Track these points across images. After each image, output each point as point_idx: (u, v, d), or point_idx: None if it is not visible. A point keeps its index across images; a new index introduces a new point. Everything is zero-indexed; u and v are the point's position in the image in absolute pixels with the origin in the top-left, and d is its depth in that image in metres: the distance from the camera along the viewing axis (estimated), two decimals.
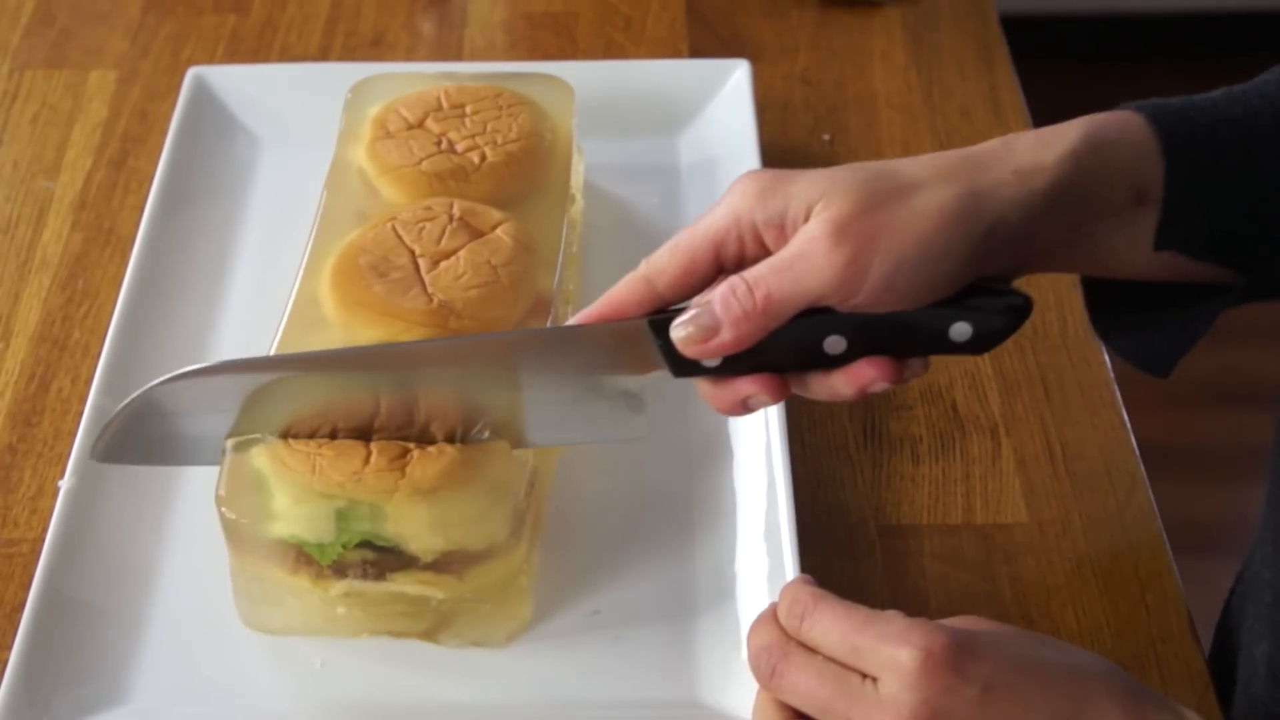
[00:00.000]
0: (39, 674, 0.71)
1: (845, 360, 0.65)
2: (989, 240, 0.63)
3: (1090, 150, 0.65)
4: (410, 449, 0.70)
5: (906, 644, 0.59)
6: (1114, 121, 0.67)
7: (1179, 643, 0.76)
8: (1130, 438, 0.85)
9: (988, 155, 0.65)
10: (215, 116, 0.99)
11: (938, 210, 0.63)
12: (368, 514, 0.69)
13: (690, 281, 0.66)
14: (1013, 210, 0.64)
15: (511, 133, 0.86)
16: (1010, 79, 1.08)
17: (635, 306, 0.66)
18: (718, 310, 0.64)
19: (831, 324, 0.64)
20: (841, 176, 0.64)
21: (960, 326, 0.64)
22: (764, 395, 0.66)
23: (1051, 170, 0.64)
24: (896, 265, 0.62)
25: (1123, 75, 2.51)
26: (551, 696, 0.72)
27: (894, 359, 0.65)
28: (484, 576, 0.72)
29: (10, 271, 0.94)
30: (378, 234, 0.79)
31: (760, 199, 0.65)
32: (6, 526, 0.81)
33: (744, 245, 0.65)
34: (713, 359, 0.65)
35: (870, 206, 0.63)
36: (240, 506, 0.70)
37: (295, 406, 0.70)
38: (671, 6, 1.13)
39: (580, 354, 0.67)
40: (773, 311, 0.63)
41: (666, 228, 0.94)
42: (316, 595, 0.72)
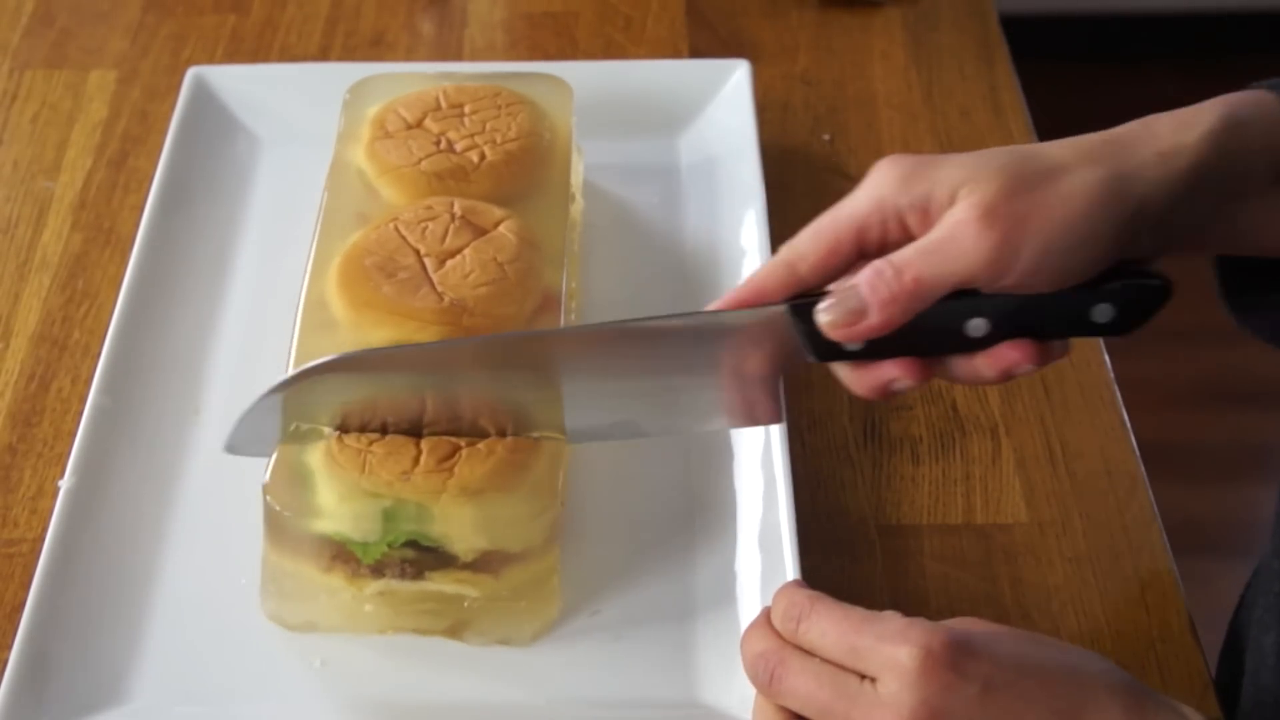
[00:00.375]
0: (39, 674, 0.71)
1: (988, 343, 0.65)
2: (1134, 222, 0.63)
3: (1229, 130, 0.65)
4: (460, 447, 0.70)
5: (905, 643, 0.59)
6: (1250, 101, 0.67)
7: (1179, 643, 0.76)
8: (1130, 438, 0.85)
9: (1130, 137, 0.65)
10: (215, 116, 0.99)
11: (1085, 193, 0.63)
12: (414, 514, 0.69)
13: (832, 264, 0.66)
14: (1157, 192, 0.64)
15: (510, 132, 0.86)
16: (1010, 79, 1.08)
17: (777, 291, 0.66)
18: (865, 293, 0.64)
19: (975, 307, 0.64)
20: (986, 160, 0.64)
21: (1103, 308, 0.65)
22: (907, 378, 0.66)
23: (1193, 151, 0.64)
24: (1046, 248, 0.62)
25: (1123, 75, 2.51)
26: (551, 696, 0.72)
27: (1036, 341, 0.65)
28: (520, 575, 0.72)
29: (10, 271, 0.94)
30: (381, 235, 0.79)
31: (904, 183, 0.65)
32: (6, 526, 0.81)
33: (887, 229, 0.65)
34: (856, 343, 0.65)
35: (1018, 189, 0.63)
36: (285, 498, 0.70)
37: (349, 399, 0.70)
38: (671, 6, 1.13)
39: (722, 339, 0.67)
40: (921, 294, 0.63)
41: (666, 228, 0.95)
42: (348, 594, 0.72)
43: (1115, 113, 0.85)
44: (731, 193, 0.94)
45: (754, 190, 0.92)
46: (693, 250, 0.93)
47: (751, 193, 0.92)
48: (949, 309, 0.64)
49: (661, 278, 0.92)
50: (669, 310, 0.88)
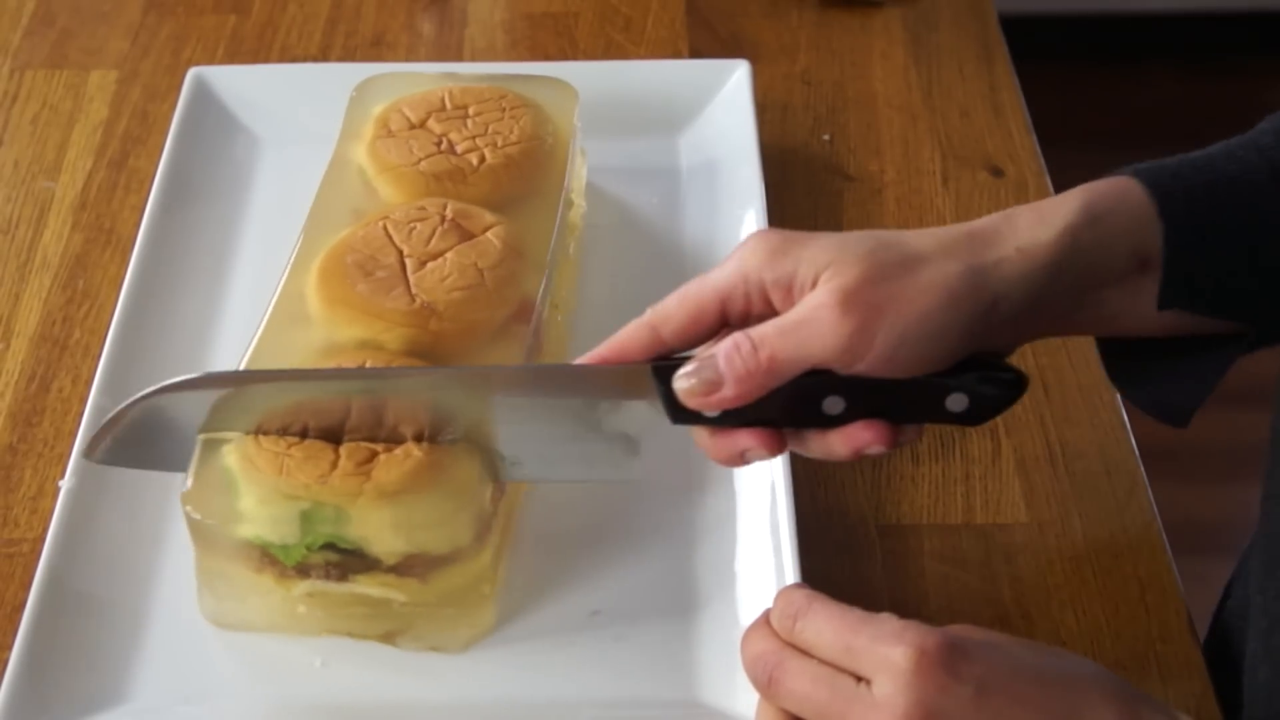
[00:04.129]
0: (39, 674, 0.71)
1: (843, 420, 0.66)
2: (991, 316, 0.65)
3: (1089, 223, 0.66)
4: (378, 451, 0.70)
5: (901, 644, 0.59)
6: (1111, 190, 0.68)
7: (1179, 642, 0.76)
8: (1130, 438, 0.85)
9: (990, 232, 0.66)
10: (215, 116, 0.99)
11: (943, 286, 0.64)
12: (332, 516, 0.69)
13: (695, 331, 0.67)
14: (1015, 286, 0.65)
15: (512, 135, 0.86)
16: (1010, 79, 1.08)
17: (639, 351, 0.67)
18: (721, 365, 0.65)
19: (831, 385, 0.65)
20: (851, 245, 0.65)
21: (957, 398, 0.66)
22: (761, 449, 0.67)
23: (1052, 245, 0.66)
24: (900, 337, 0.63)
25: (1123, 75, 2.51)
26: (551, 696, 0.72)
27: (890, 423, 0.66)
28: (447, 581, 0.72)
29: (11, 272, 0.94)
30: (368, 232, 0.79)
31: (770, 259, 0.66)
32: (7, 526, 0.81)
33: (750, 302, 0.66)
34: (713, 411, 0.66)
35: (877, 278, 0.64)
36: (206, 506, 0.70)
37: (268, 405, 0.70)
38: (671, 6, 1.13)
39: (581, 393, 0.68)
40: (775, 371, 0.64)
41: (666, 228, 0.95)
42: (279, 594, 0.72)
43: (1115, 113, 0.84)
44: (731, 193, 0.94)
45: (754, 190, 0.92)
46: (692, 250, 0.93)
47: (751, 193, 0.92)
48: (806, 385, 0.65)
49: (661, 278, 0.91)
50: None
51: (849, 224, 0.97)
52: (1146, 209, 0.67)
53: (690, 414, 0.67)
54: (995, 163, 1.02)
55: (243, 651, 0.74)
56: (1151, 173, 0.68)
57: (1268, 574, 0.69)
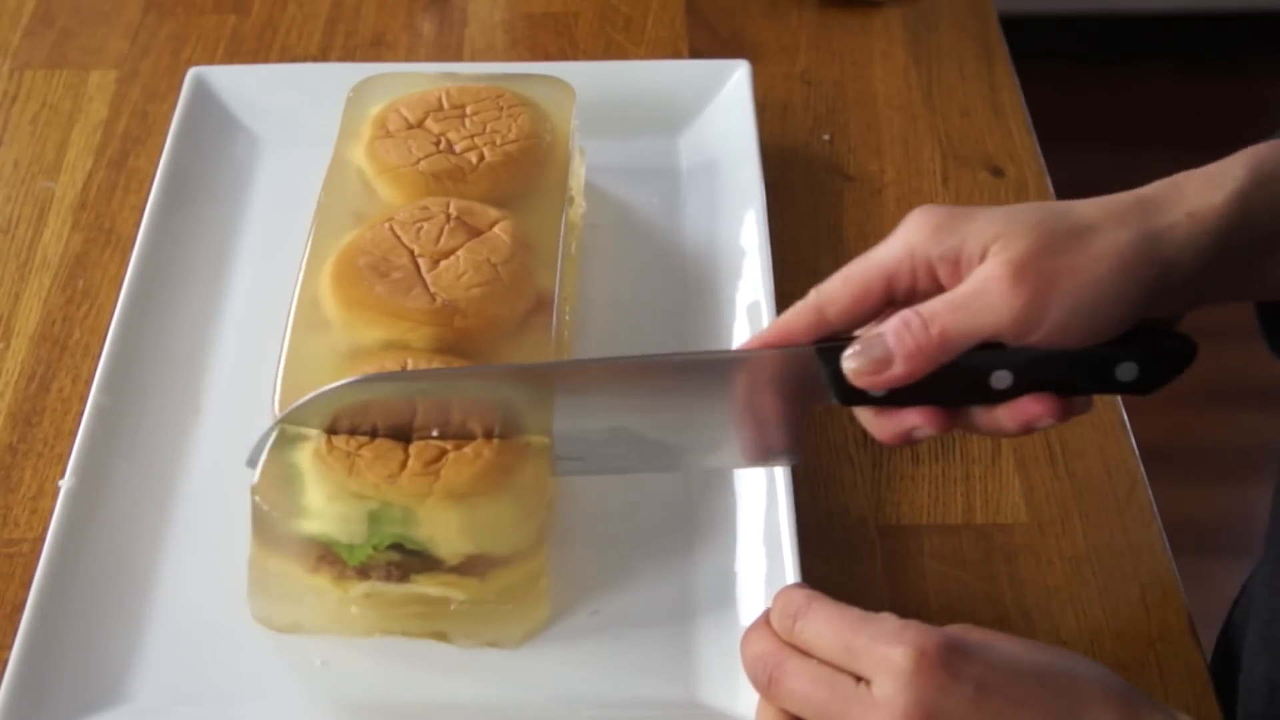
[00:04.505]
0: (39, 674, 0.71)
1: (1011, 395, 0.65)
2: (1163, 283, 0.64)
3: (1257, 185, 0.65)
4: (447, 450, 0.70)
5: (900, 643, 0.59)
6: (1275, 153, 0.67)
7: (1179, 643, 0.76)
8: (1130, 438, 0.85)
9: (1160, 197, 0.66)
10: (215, 116, 0.99)
11: (1115, 254, 0.63)
12: (400, 517, 0.69)
13: (861, 311, 0.67)
14: (1187, 252, 0.64)
15: (511, 134, 0.86)
16: (1010, 79, 1.08)
17: (804, 333, 0.67)
18: (891, 343, 0.64)
19: (1000, 359, 0.65)
20: (1018, 216, 0.65)
21: (1128, 366, 0.65)
22: (928, 427, 0.67)
23: (1222, 209, 0.65)
24: (1074, 307, 0.63)
25: (1123, 75, 2.51)
26: (551, 696, 0.72)
27: (1059, 396, 0.66)
28: (506, 578, 0.72)
29: (10, 272, 0.94)
30: (376, 234, 0.79)
31: (936, 234, 0.65)
32: (6, 526, 0.81)
33: (916, 279, 0.66)
34: (880, 389, 0.66)
35: (1048, 249, 0.63)
36: (274, 498, 0.70)
37: (340, 403, 0.70)
38: (671, 6, 1.13)
39: (747, 379, 0.68)
40: (947, 347, 0.64)
41: (666, 228, 0.95)
42: (334, 595, 0.72)
43: (1115, 113, 0.85)
44: (731, 193, 0.94)
45: (754, 190, 0.92)
46: (692, 250, 0.93)
47: (751, 193, 0.92)
48: (974, 360, 0.64)
49: (661, 278, 0.92)
50: (669, 314, 0.89)
51: (849, 224, 0.97)
52: None
53: (858, 394, 0.66)
54: (995, 163, 1.02)
55: (242, 652, 0.74)
56: None
57: (1274, 567, 0.69)
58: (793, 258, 0.92)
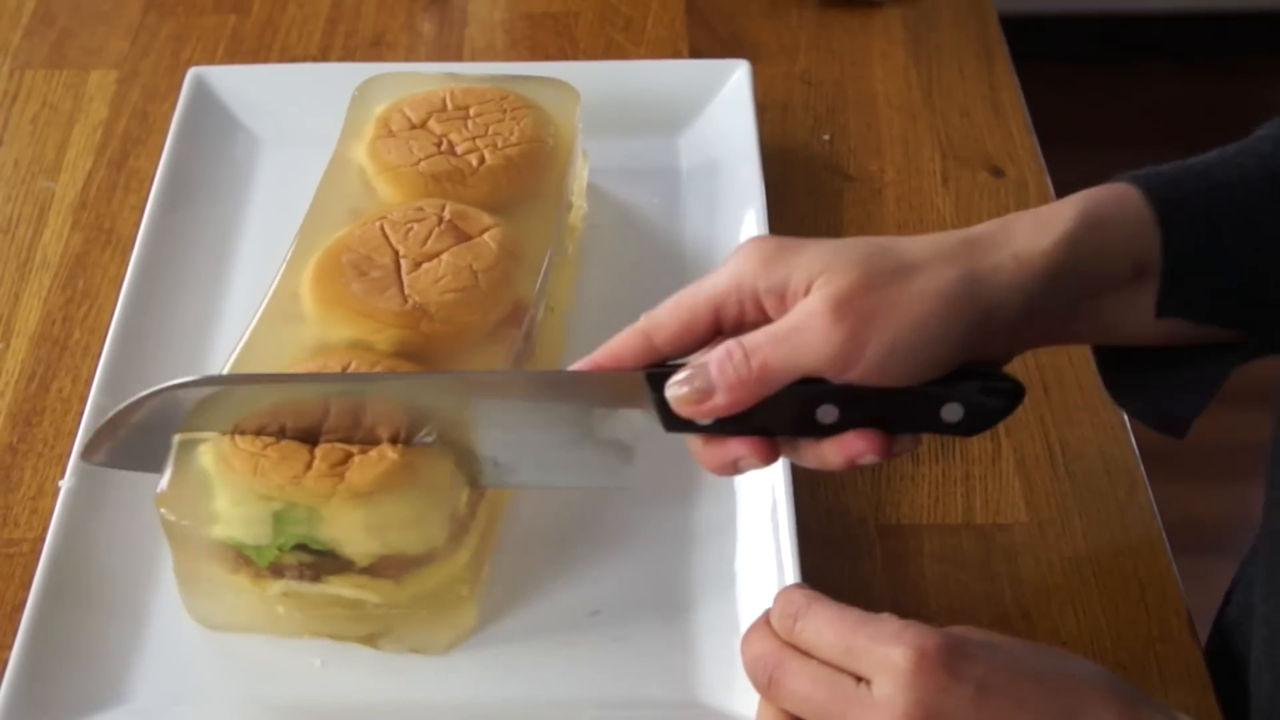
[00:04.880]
0: (39, 674, 0.71)
1: (837, 429, 0.65)
2: (987, 324, 0.64)
3: (1087, 230, 0.66)
4: (353, 453, 0.70)
5: (900, 644, 0.59)
6: (1109, 197, 0.67)
7: (1179, 643, 0.76)
8: (1130, 438, 0.85)
9: (987, 239, 0.66)
10: (215, 116, 0.99)
11: (937, 293, 0.63)
12: (304, 517, 0.69)
13: (688, 339, 0.67)
14: (1012, 295, 0.64)
15: (513, 136, 0.86)
16: (1010, 79, 1.08)
17: (633, 358, 0.67)
18: (714, 374, 0.64)
19: (825, 394, 0.64)
20: (845, 251, 0.65)
21: (952, 408, 0.65)
22: (754, 458, 0.66)
23: (1050, 253, 0.65)
24: (892, 345, 0.63)
25: (1123, 75, 2.51)
26: (552, 696, 0.72)
27: (884, 433, 0.65)
28: (421, 582, 0.72)
29: (10, 271, 0.94)
30: (365, 232, 0.79)
31: (764, 266, 0.65)
32: (6, 526, 0.81)
33: (744, 309, 0.66)
34: (705, 419, 0.66)
35: (870, 285, 0.63)
36: (180, 507, 0.70)
37: (247, 405, 0.70)
38: (671, 6, 1.13)
39: (575, 400, 0.68)
40: (767, 380, 0.64)
41: (666, 227, 0.95)
42: (255, 594, 0.72)
43: (1115, 113, 0.84)
44: (731, 193, 0.94)
45: (754, 190, 0.92)
46: (692, 250, 0.93)
47: (751, 193, 0.92)
48: (800, 393, 0.64)
49: (661, 278, 0.91)
50: None
51: (849, 224, 0.97)
52: (1145, 216, 0.66)
53: (684, 422, 0.66)
54: (995, 163, 1.02)
55: (242, 652, 0.74)
56: (1149, 179, 0.68)
57: (1270, 582, 0.69)
58: None
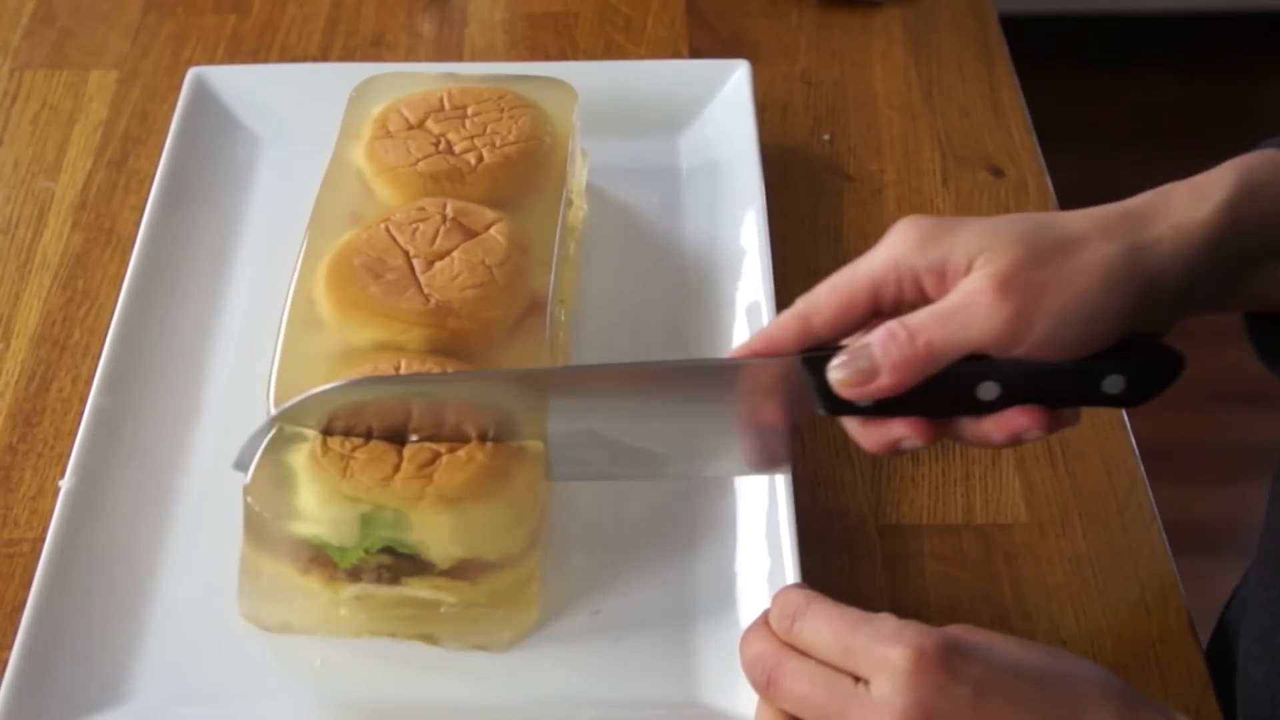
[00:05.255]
0: (39, 674, 0.71)
1: (998, 407, 0.65)
2: (1150, 295, 0.64)
3: (1245, 196, 0.65)
4: (440, 454, 0.70)
5: (899, 644, 0.59)
6: (1263, 164, 0.67)
7: (1179, 643, 0.76)
8: (1130, 438, 0.85)
9: (1147, 210, 0.65)
10: (215, 116, 0.99)
11: (1101, 267, 0.63)
12: (392, 520, 0.69)
13: (846, 321, 0.66)
14: (1173, 265, 0.64)
15: (510, 135, 0.86)
16: (1010, 79, 1.08)
17: (790, 343, 0.67)
18: (877, 354, 0.64)
19: (987, 371, 0.64)
20: (1004, 228, 0.65)
21: (1115, 379, 0.65)
22: (915, 438, 0.66)
23: (1209, 222, 0.64)
24: (1059, 320, 0.63)
25: (1123, 75, 2.51)
26: (551, 697, 0.72)
27: (1046, 408, 0.65)
28: (497, 582, 0.72)
29: (10, 272, 0.94)
30: (371, 235, 0.79)
31: (922, 246, 0.65)
32: (6, 526, 0.81)
33: (902, 290, 0.66)
34: (867, 400, 0.66)
35: (1034, 261, 0.63)
36: (266, 499, 0.70)
37: (336, 404, 0.70)
38: (671, 6, 1.13)
39: (734, 387, 0.68)
40: (933, 359, 0.64)
41: (666, 228, 0.95)
42: (325, 597, 0.72)
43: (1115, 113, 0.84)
44: (731, 193, 0.94)
45: (754, 190, 0.92)
46: (692, 250, 0.93)
47: (751, 193, 0.92)
48: (961, 371, 0.64)
49: (660, 278, 0.92)
50: (669, 314, 0.89)
51: (849, 224, 0.97)
52: None
53: (844, 404, 0.66)
54: (995, 163, 1.02)
55: (242, 652, 0.74)
56: None
57: (1273, 571, 0.69)
58: (793, 258, 0.92)
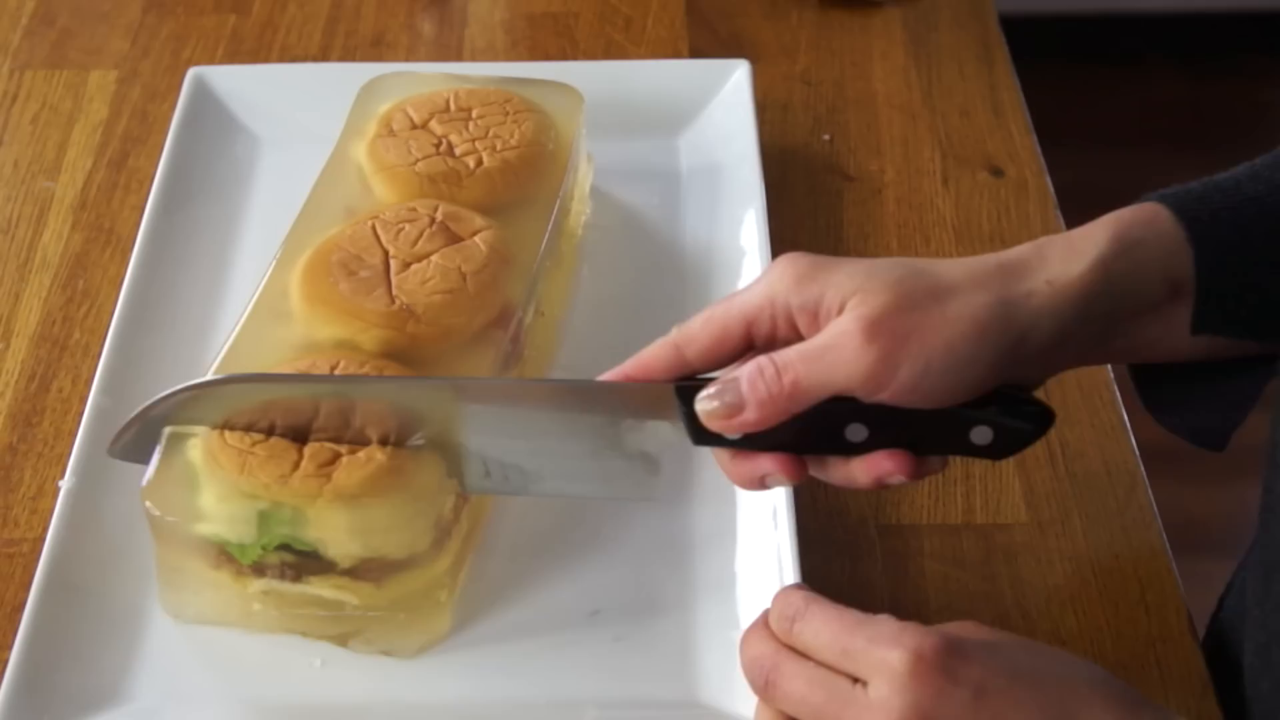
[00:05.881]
0: (39, 674, 0.71)
1: (865, 449, 0.65)
2: (1019, 348, 0.64)
3: (1120, 252, 0.66)
4: (341, 454, 0.70)
5: (897, 646, 0.59)
6: (1140, 218, 0.67)
7: (1179, 643, 0.76)
8: (1130, 438, 0.85)
9: (1020, 264, 0.66)
10: (215, 116, 0.99)
11: (970, 317, 0.63)
12: (289, 517, 0.69)
13: (720, 353, 0.67)
14: (1045, 319, 0.64)
15: (513, 139, 0.86)
16: (1010, 79, 1.08)
17: (663, 370, 0.67)
18: (744, 389, 0.64)
19: (855, 412, 0.64)
20: (879, 272, 0.65)
21: (982, 430, 0.65)
22: (781, 475, 0.67)
23: (1084, 277, 0.65)
24: (925, 368, 0.63)
25: (1123, 75, 2.51)
26: (552, 696, 0.72)
27: (913, 454, 0.65)
28: (401, 586, 0.72)
29: (10, 271, 0.94)
30: (356, 231, 0.79)
31: (797, 284, 0.65)
32: (6, 526, 0.81)
33: (776, 326, 0.66)
34: (734, 434, 0.66)
35: (904, 306, 0.63)
36: (166, 501, 0.70)
37: (238, 401, 0.70)
38: (671, 6, 1.13)
39: (603, 410, 0.68)
40: (798, 397, 0.64)
41: (665, 227, 0.95)
42: (235, 591, 0.72)
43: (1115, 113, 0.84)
44: (731, 193, 0.94)
45: (754, 190, 0.92)
46: (692, 250, 0.93)
47: (751, 193, 0.92)
48: (829, 411, 0.64)
49: (661, 278, 0.92)
50: (669, 314, 0.88)
51: (849, 224, 0.97)
52: (1176, 235, 0.66)
53: (712, 435, 0.66)
54: (995, 163, 1.02)
55: (242, 653, 0.73)
56: (1178, 198, 0.68)
57: (1265, 587, 0.69)
58: None
